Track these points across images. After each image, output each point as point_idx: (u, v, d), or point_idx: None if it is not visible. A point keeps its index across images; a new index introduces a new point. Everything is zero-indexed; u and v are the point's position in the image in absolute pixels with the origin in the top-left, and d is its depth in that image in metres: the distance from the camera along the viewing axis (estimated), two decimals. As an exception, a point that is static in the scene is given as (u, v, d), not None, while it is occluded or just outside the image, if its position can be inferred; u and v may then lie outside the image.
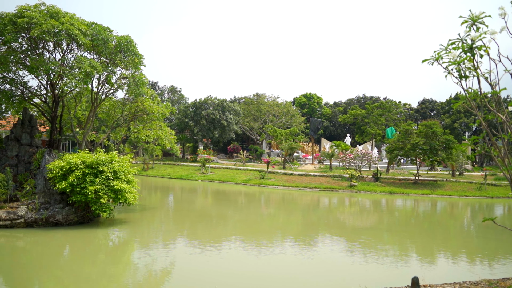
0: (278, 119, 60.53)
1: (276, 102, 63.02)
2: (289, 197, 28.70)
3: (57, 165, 15.45)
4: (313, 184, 33.21)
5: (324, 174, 35.77)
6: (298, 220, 20.41)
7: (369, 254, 13.55)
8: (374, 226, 19.11)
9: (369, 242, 15.36)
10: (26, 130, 18.92)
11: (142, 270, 11.36)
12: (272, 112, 60.72)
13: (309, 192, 31.39)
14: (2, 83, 19.30)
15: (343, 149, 38.96)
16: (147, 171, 44.58)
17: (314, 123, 47.69)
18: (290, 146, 41.42)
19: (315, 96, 75.37)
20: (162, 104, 23.77)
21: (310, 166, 42.27)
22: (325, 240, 15.91)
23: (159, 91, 69.85)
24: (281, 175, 36.57)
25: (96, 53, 19.44)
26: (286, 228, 18.47)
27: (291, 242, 15.22)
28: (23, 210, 15.19)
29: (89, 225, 16.20)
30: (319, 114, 74.66)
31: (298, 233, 16.90)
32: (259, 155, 53.02)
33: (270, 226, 18.76)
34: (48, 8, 17.81)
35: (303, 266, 11.98)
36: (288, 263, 12.16)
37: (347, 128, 72.17)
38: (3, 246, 13.19)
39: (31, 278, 10.40)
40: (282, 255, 13.12)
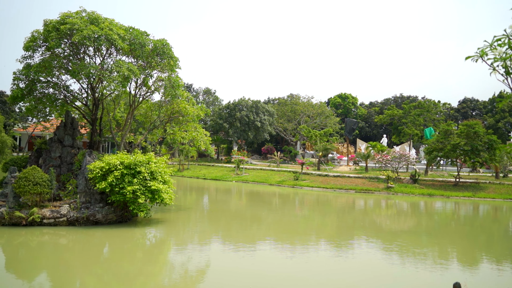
0: (312, 120, 60.05)
1: (311, 102, 62.55)
2: (323, 199, 28.40)
3: (97, 165, 15.97)
4: (348, 185, 32.71)
5: (359, 176, 35.16)
6: (333, 222, 20.15)
7: (406, 257, 13.19)
8: (412, 229, 18.59)
9: (407, 245, 14.95)
10: (68, 132, 19.66)
11: (178, 269, 11.55)
12: (306, 112, 60.31)
13: (344, 193, 30.95)
14: (46, 87, 20.12)
15: (379, 150, 38.14)
16: (182, 172, 45.33)
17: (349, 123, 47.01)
18: (325, 147, 40.98)
19: (350, 96, 74.30)
20: (197, 106, 24.10)
21: (345, 167, 41.66)
22: (361, 242, 15.62)
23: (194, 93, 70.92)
24: (315, 176, 36.25)
25: (134, 57, 19.94)
26: (321, 230, 18.28)
27: (326, 244, 15.04)
28: (65, 209, 15.80)
29: (127, 224, 16.65)
30: (354, 114, 73.51)
31: (333, 235, 16.69)
32: (293, 156, 52.77)
33: (304, 227, 18.62)
34: (88, 14, 18.46)
35: (338, 268, 11.81)
36: (323, 266, 12.02)
37: (383, 128, 70.67)
38: (47, 243, 13.78)
39: (73, 275, 10.80)
40: (317, 257, 12.99)
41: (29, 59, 19.16)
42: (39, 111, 21.77)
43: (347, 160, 44.65)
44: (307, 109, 60.37)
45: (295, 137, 57.34)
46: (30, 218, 15.14)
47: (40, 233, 14.61)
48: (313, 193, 31.03)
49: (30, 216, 15.16)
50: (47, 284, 10.00)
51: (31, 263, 11.76)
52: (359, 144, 51.05)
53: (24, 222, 15.18)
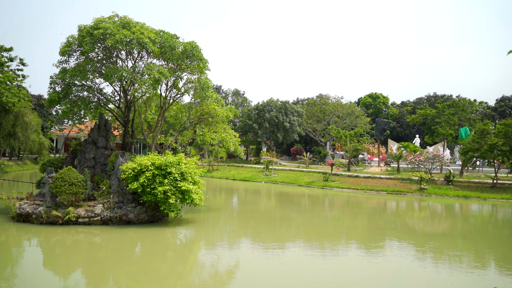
0: (342, 120, 59.36)
1: (340, 102, 61.86)
2: (354, 200, 28.00)
3: (129, 166, 16.35)
4: (379, 187, 32.13)
5: (391, 177, 34.44)
6: (364, 223, 19.83)
7: (440, 261, 12.83)
8: (446, 232, 18.05)
9: (441, 248, 14.53)
10: (102, 134, 20.22)
11: (208, 269, 11.66)
12: (335, 113, 59.69)
13: (375, 195, 30.40)
14: (81, 91, 20.79)
15: (411, 151, 37.23)
16: (212, 173, 45.75)
17: (380, 123, 46.12)
18: (355, 147, 40.40)
19: (381, 96, 73.01)
20: (226, 107, 24.29)
21: (376, 168, 40.93)
22: (393, 245, 15.29)
23: (223, 95, 71.46)
24: (345, 177, 35.80)
25: (164, 60, 20.31)
26: (351, 231, 18.02)
27: (357, 246, 14.82)
28: (99, 208, 16.26)
29: (158, 224, 16.95)
30: (386, 114, 72.16)
31: (364, 237, 16.41)
32: (322, 157, 52.32)
33: (334, 229, 18.41)
34: (121, 19, 18.95)
35: (369, 271, 11.61)
36: (353, 268, 11.85)
37: (415, 128, 69.05)
38: (82, 241, 14.21)
39: (107, 273, 11.09)
40: (347, 259, 12.82)
41: (65, 64, 19.85)
42: (74, 113, 22.50)
43: (378, 161, 43.85)
44: (337, 109, 59.74)
45: (325, 138, 56.83)
46: (66, 217, 15.67)
47: (76, 232, 15.08)
48: (343, 194, 30.65)
49: (66, 215, 15.69)
50: (82, 281, 10.30)
51: (67, 260, 12.17)
52: (391, 145, 50.06)
53: (61, 221, 15.73)
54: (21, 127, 42.13)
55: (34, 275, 10.80)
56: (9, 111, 39.09)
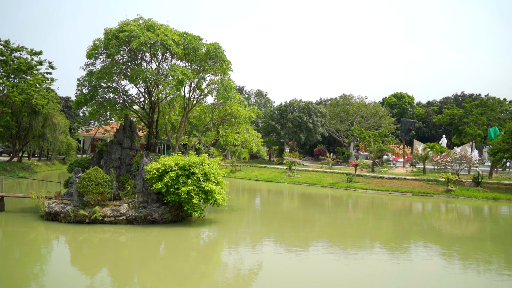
0: (366, 121, 58.61)
1: (364, 103, 61.10)
2: (378, 202, 27.58)
3: (154, 167, 16.58)
4: (404, 188, 31.55)
5: (417, 178, 33.76)
6: (389, 225, 19.51)
7: (468, 265, 12.49)
8: (475, 235, 17.56)
9: (469, 252, 14.15)
10: (127, 134, 20.58)
11: (231, 269, 11.69)
12: (359, 113, 58.98)
13: (400, 196, 29.87)
14: (107, 92, 21.21)
15: (438, 151, 36.39)
16: (235, 173, 45.91)
17: (405, 124, 45.30)
18: (380, 148, 39.81)
19: (406, 95, 71.71)
20: (249, 108, 24.33)
21: (401, 169, 40.22)
22: (418, 247, 14.98)
23: (246, 95, 71.62)
24: (369, 179, 35.32)
25: (188, 61, 20.50)
26: (376, 233, 17.75)
27: (381, 248, 14.58)
28: (124, 208, 16.54)
29: (182, 223, 17.12)
30: (411, 114, 70.85)
31: (389, 239, 16.14)
32: (346, 157, 51.78)
33: (358, 231, 18.18)
34: (145, 21, 19.23)
35: (393, 273, 11.41)
36: (377, 270, 11.67)
37: (442, 129, 67.53)
38: (108, 240, 14.49)
39: (132, 271, 11.26)
40: (371, 261, 12.63)
41: (92, 66, 20.30)
42: (100, 115, 22.97)
43: (403, 161, 43.10)
44: (360, 109, 59.05)
45: (348, 138, 56.24)
46: (93, 216, 16.01)
47: (102, 231, 15.39)
48: (367, 196, 30.24)
49: (93, 215, 16.03)
50: (108, 279, 10.50)
51: (93, 258, 12.42)
52: (416, 145, 49.11)
53: (87, 220, 16.08)
54: (50, 128, 43.32)
55: (62, 272, 11.07)
56: (38, 113, 40.30)
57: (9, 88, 38.55)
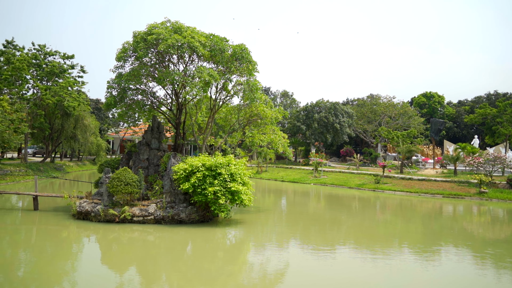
0: (394, 121, 57.57)
1: (392, 102, 60.04)
2: (407, 203, 27.02)
3: (181, 167, 16.78)
4: (434, 190, 30.78)
5: (447, 179, 32.88)
6: (418, 228, 19.08)
7: (502, 269, 12.06)
8: (509, 239, 16.94)
9: (502, 255, 13.66)
10: (155, 135, 20.92)
11: (257, 269, 11.70)
12: (387, 113, 58.00)
13: (430, 198, 29.16)
14: (135, 94, 21.64)
15: (469, 152, 35.34)
16: (260, 174, 45.95)
17: (435, 124, 44.20)
18: (408, 149, 39.00)
19: (435, 95, 70.02)
20: (275, 108, 24.31)
21: (431, 170, 39.25)
22: (449, 250, 14.57)
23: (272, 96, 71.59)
24: (398, 180, 34.64)
25: (214, 62, 20.67)
26: (404, 235, 17.38)
27: (410, 251, 14.27)
28: (152, 208, 16.82)
29: (208, 224, 17.26)
30: (441, 114, 69.14)
31: (418, 242, 15.78)
32: (373, 158, 50.99)
33: (386, 233, 17.86)
34: (172, 24, 19.52)
35: (423, 276, 11.14)
36: (406, 273, 11.43)
37: (474, 129, 65.59)
38: (136, 239, 14.76)
39: (159, 270, 11.43)
40: (399, 263, 12.37)
41: (121, 69, 20.75)
42: (129, 116, 23.46)
43: (433, 162, 42.07)
44: (388, 109, 58.07)
45: (376, 139, 55.39)
46: (122, 215, 16.35)
47: (131, 230, 15.70)
48: (395, 197, 29.69)
49: (122, 214, 16.38)
50: (137, 277, 10.69)
51: (122, 257, 12.68)
52: (447, 146, 47.89)
53: (117, 219, 16.43)
54: (80, 130, 44.55)
55: (92, 270, 11.35)
56: (70, 115, 41.51)
57: (43, 90, 39.89)
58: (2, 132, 30.91)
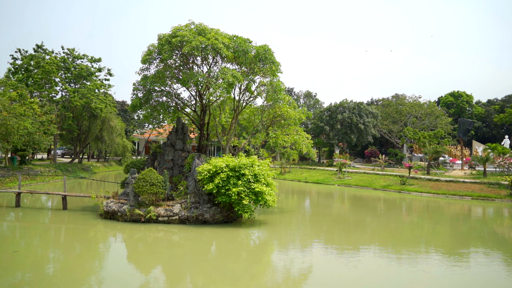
0: (420, 121, 56.45)
1: (418, 102, 58.88)
2: (434, 205, 26.43)
3: (205, 168, 16.91)
4: (463, 191, 29.99)
5: (476, 181, 31.99)
6: (445, 230, 18.63)
7: (536, 274, 11.63)
8: (542, 243, 16.34)
9: (536, 260, 13.18)
10: (179, 137, 21.16)
11: (281, 271, 11.67)
12: (413, 113, 56.91)
13: (458, 200, 28.43)
14: (160, 96, 21.94)
15: (500, 153, 34.28)
16: (284, 175, 45.83)
17: (463, 124, 43.11)
18: (435, 149, 38.15)
19: (463, 94, 68.28)
20: (298, 109, 24.22)
21: (459, 171, 38.28)
22: (478, 254, 14.17)
23: (295, 97, 71.36)
24: (424, 181, 33.93)
25: (238, 64, 20.75)
26: (431, 238, 16.99)
27: (437, 254, 13.94)
28: (177, 208, 17.01)
29: (232, 224, 17.33)
30: (469, 114, 67.38)
31: (445, 245, 15.40)
32: (399, 159, 50.13)
33: (412, 235, 17.52)
34: (196, 26, 19.70)
35: (449, 279, 10.86)
36: (433, 276, 11.17)
37: (505, 129, 63.65)
38: (162, 239, 14.95)
39: (184, 270, 11.55)
40: (426, 266, 12.10)
41: (146, 71, 21.07)
42: (154, 118, 23.79)
43: (461, 163, 41.02)
44: (414, 109, 56.99)
45: (401, 140, 54.43)
46: (147, 215, 16.61)
47: (156, 230, 15.92)
48: (422, 199, 29.09)
49: (148, 214, 16.63)
50: (162, 277, 10.83)
51: (148, 256, 12.87)
52: (475, 146, 46.59)
53: (143, 219, 16.70)
54: (107, 131, 45.52)
55: (119, 269, 11.57)
56: (97, 117, 42.47)
57: (71, 93, 40.96)
58: (33, 133, 31.88)
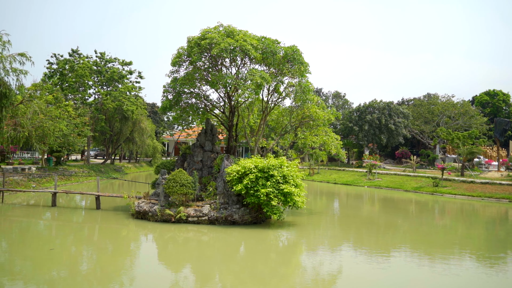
0: (453, 121, 54.85)
1: (451, 102, 57.23)
2: (468, 208, 25.61)
3: (234, 169, 16.99)
4: (499, 194, 28.92)
5: (513, 183, 30.80)
6: (481, 234, 18.02)
7: None
8: None
9: None
10: (208, 138, 21.36)
11: (310, 272, 11.58)
12: (446, 113, 55.36)
13: (495, 203, 27.44)
14: (189, 98, 22.24)
15: (539, 154, 32.90)
16: (312, 176, 45.52)
17: (499, 124, 41.58)
18: (470, 150, 36.96)
19: (500, 93, 65.84)
20: (327, 109, 24.00)
21: (495, 173, 36.94)
22: (517, 259, 13.62)
23: (324, 97, 70.73)
24: (458, 183, 32.92)
25: (266, 65, 20.77)
26: (466, 242, 16.46)
27: (471, 259, 13.48)
28: (206, 208, 17.17)
29: (261, 225, 17.34)
30: (506, 113, 64.89)
31: (480, 249, 14.88)
32: (431, 160, 48.87)
33: (445, 239, 17.02)
34: (225, 28, 19.85)
35: (484, 284, 10.48)
36: (466, 280, 10.81)
37: (544, 129, 60.91)
38: (192, 239, 15.13)
39: (213, 270, 11.63)
40: (459, 270, 11.72)
41: (176, 73, 21.41)
42: (183, 119, 24.14)
43: (498, 165, 39.59)
44: (447, 109, 55.43)
45: (434, 140, 53.04)
46: (178, 216, 16.84)
47: (186, 230, 16.12)
48: (455, 202, 28.25)
49: (178, 214, 16.86)
50: (191, 277, 10.95)
51: (178, 256, 13.05)
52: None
53: (173, 219, 16.94)
54: (138, 133, 46.50)
55: (150, 267, 11.78)
56: (128, 119, 43.46)
57: (104, 96, 42.09)
58: (68, 135, 32.95)
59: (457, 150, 39.09)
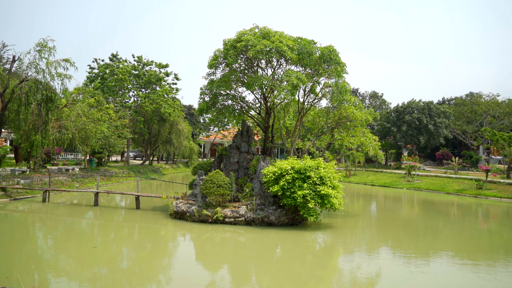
0: (498, 121, 52.54)
1: (496, 101, 54.86)
2: (515, 212, 24.43)
3: (270, 170, 17.01)
4: (549, 197, 27.43)
5: None
6: (529, 239, 17.15)
7: None
8: None
9: None
10: (244, 139, 21.50)
11: (347, 275, 11.41)
12: (490, 113, 53.12)
13: (544, 207, 26.05)
14: (226, 99, 22.48)
15: None
16: (349, 178, 44.84)
17: (548, 123, 39.45)
18: (516, 151, 35.25)
19: (549, 91, 62.48)
20: (364, 110, 23.61)
21: (544, 175, 35.05)
22: None
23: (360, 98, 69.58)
24: (504, 186, 31.48)
25: (302, 66, 20.68)
26: None
27: (521, 264, 12.86)
28: (243, 209, 17.28)
29: (297, 227, 17.26)
30: (557, 112, 61.48)
31: (530, 255, 14.17)
32: (474, 162, 47.03)
33: (490, 243, 16.32)
34: (260, 30, 19.93)
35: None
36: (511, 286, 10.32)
37: None
38: (228, 239, 15.27)
39: (250, 271, 11.69)
40: (504, 276, 11.21)
41: (212, 76, 21.70)
42: (219, 121, 24.41)
43: (547, 167, 37.51)
44: (492, 108, 53.16)
45: (477, 141, 51.00)
46: (215, 216, 17.04)
47: (223, 230, 16.29)
48: (501, 205, 27.03)
49: (215, 215, 17.07)
50: (228, 277, 11.05)
51: (215, 256, 13.20)
52: None
53: (210, 219, 17.17)
54: (175, 134, 47.41)
55: (187, 267, 11.99)
56: (166, 121, 44.40)
57: (142, 98, 43.23)
58: (109, 137, 34.07)
59: (503, 152, 37.41)
